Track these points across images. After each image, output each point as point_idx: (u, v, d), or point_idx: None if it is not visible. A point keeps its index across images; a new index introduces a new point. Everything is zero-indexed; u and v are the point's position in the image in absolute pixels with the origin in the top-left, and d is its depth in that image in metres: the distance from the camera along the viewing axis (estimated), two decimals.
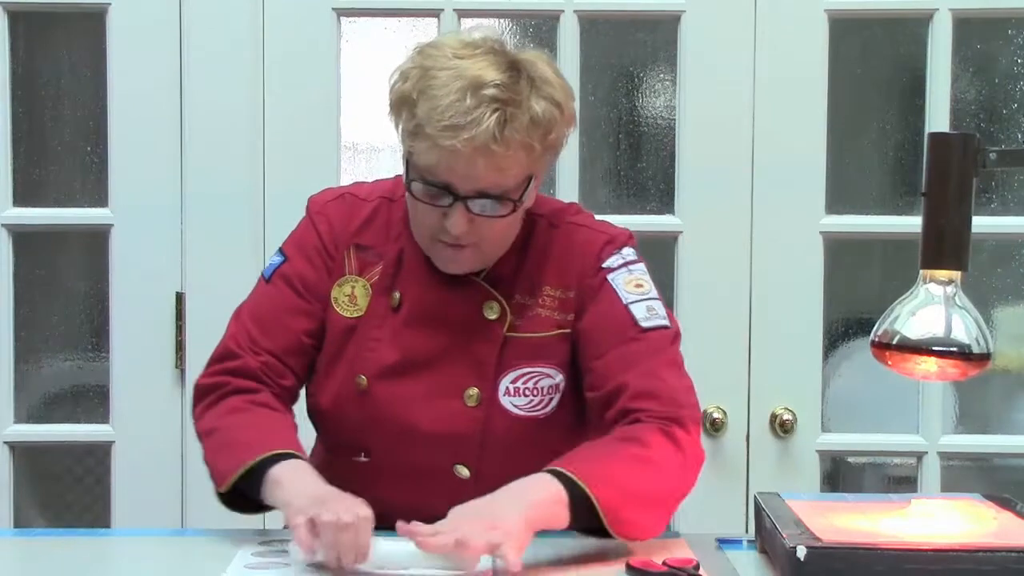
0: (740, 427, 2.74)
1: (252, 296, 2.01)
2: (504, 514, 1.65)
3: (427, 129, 1.78)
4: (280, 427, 1.89)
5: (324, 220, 1.98)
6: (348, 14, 2.72)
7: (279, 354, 1.94)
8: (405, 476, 1.89)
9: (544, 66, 1.86)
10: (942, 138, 1.73)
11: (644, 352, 1.88)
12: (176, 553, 1.88)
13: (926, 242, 1.68)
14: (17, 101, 2.75)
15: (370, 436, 1.93)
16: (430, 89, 1.79)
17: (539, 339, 1.93)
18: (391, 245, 1.96)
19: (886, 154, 2.89)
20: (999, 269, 2.83)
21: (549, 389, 1.93)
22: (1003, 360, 2.81)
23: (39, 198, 2.77)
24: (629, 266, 1.95)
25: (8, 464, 2.75)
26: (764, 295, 2.72)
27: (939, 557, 1.58)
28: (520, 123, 1.79)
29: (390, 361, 1.92)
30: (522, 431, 1.92)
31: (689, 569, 1.69)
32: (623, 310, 1.91)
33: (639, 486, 1.77)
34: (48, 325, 2.84)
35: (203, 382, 1.96)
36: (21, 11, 2.74)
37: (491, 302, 1.92)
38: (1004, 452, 2.85)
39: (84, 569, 1.82)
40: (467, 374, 1.91)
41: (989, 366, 1.68)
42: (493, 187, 1.82)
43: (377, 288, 1.95)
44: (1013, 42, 2.82)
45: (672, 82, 2.76)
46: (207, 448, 1.91)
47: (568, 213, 2.00)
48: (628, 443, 1.80)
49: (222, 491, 1.85)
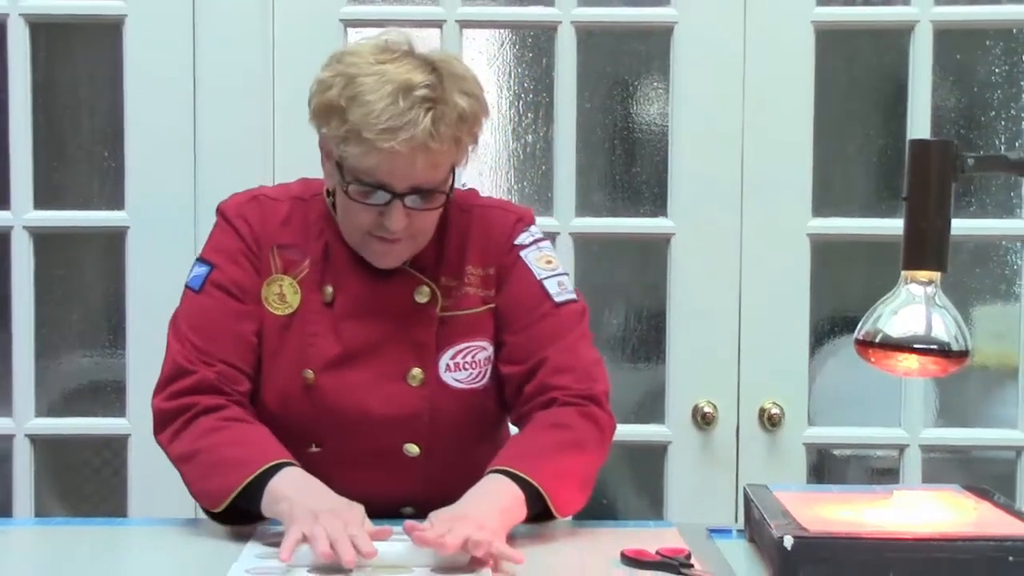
0: (730, 421, 2.74)
1: (186, 310, 1.96)
2: (485, 518, 1.67)
3: (364, 134, 1.80)
4: (263, 438, 1.87)
5: (243, 222, 1.97)
6: (354, 25, 2.72)
7: (231, 361, 1.92)
8: (357, 461, 1.90)
9: (457, 63, 1.91)
10: (923, 144, 1.72)
11: (559, 328, 1.94)
12: (189, 541, 1.88)
13: (907, 244, 1.68)
14: (38, 108, 2.74)
15: (321, 427, 1.94)
16: (360, 95, 1.80)
17: (470, 316, 1.97)
18: (313, 243, 1.96)
19: (869, 159, 2.89)
20: (977, 270, 2.83)
21: (484, 361, 1.97)
22: (981, 357, 2.81)
23: (59, 201, 2.77)
24: (539, 243, 2.01)
25: (29, 456, 2.75)
26: (753, 294, 2.72)
27: (920, 546, 1.58)
28: (450, 119, 1.82)
29: (333, 353, 1.93)
30: (464, 404, 1.95)
31: (681, 558, 1.69)
32: (537, 285, 1.97)
33: (574, 469, 1.85)
34: (67, 323, 2.85)
35: (164, 406, 1.92)
36: (42, 22, 2.73)
37: (421, 287, 1.95)
38: (982, 445, 2.85)
39: (102, 556, 1.83)
40: (408, 357, 1.94)
41: (968, 363, 1.68)
42: (427, 182, 1.85)
43: (306, 285, 1.95)
44: (991, 53, 2.82)
45: (665, 90, 2.76)
46: (189, 472, 1.88)
47: (475, 197, 2.06)
48: (556, 430, 1.87)
49: (219, 512, 1.83)
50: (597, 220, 2.75)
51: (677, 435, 2.75)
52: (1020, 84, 2.78)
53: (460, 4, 2.71)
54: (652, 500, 2.81)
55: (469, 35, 2.76)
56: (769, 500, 1.77)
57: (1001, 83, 2.82)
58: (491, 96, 2.80)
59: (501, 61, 2.83)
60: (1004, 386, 2.83)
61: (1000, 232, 2.79)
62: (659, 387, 2.77)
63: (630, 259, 2.83)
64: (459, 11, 2.71)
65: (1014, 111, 2.81)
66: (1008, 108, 2.82)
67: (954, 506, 1.78)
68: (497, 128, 2.80)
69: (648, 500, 2.83)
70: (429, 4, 2.74)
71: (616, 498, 2.88)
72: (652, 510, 2.81)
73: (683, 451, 2.75)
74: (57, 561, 1.83)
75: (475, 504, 1.72)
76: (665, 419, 2.76)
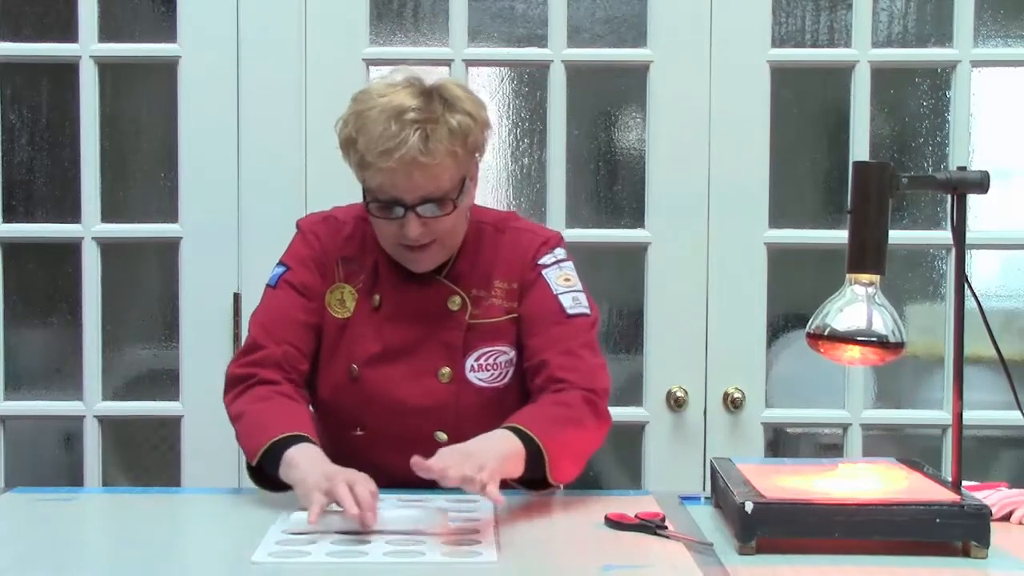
0: (698, 403, 2.73)
1: (264, 301, 2.01)
2: (486, 460, 1.66)
3: (368, 158, 1.82)
4: (296, 414, 1.88)
5: (315, 237, 2.00)
6: (375, 64, 2.72)
7: (295, 343, 1.94)
8: (394, 444, 1.88)
9: (455, 87, 1.90)
10: (864, 166, 1.73)
11: (568, 334, 1.93)
12: (233, 507, 1.88)
13: (851, 251, 1.68)
14: (104, 136, 2.74)
15: (364, 413, 1.94)
16: (364, 127, 1.83)
17: (494, 324, 1.96)
18: (368, 257, 1.98)
19: (818, 179, 2.89)
20: (910, 273, 2.83)
21: (505, 364, 1.96)
22: (913, 348, 2.78)
23: (122, 215, 2.76)
24: (560, 263, 2.00)
25: (97, 434, 2.75)
26: (718, 295, 2.72)
27: (861, 510, 1.58)
28: (440, 135, 1.81)
29: (375, 351, 1.94)
30: (486, 400, 1.95)
31: (657, 521, 1.69)
32: (553, 299, 1.96)
33: (571, 442, 1.84)
34: (129, 320, 2.84)
35: (234, 371, 1.95)
36: (108, 63, 2.73)
37: (453, 296, 1.95)
38: (914, 423, 2.85)
39: (159, 519, 1.83)
40: (439, 356, 1.94)
41: (903, 353, 1.68)
42: (433, 192, 1.84)
43: (361, 293, 1.96)
44: (919, 88, 2.82)
45: (642, 120, 2.76)
46: (239, 429, 1.91)
47: (511, 220, 2.05)
48: (561, 407, 1.85)
49: (252, 464, 1.85)
50: (585, 231, 2.75)
51: (653, 416, 2.74)
52: (944, 115, 2.78)
53: (466, 46, 2.71)
54: (632, 472, 2.80)
55: (474, 72, 2.76)
56: (732, 471, 1.77)
57: (928, 114, 2.82)
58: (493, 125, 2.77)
59: (501, 95, 2.82)
60: (932, 373, 2.83)
61: (928, 241, 2.79)
62: (637, 374, 2.77)
63: (613, 264, 2.83)
64: (465, 52, 2.71)
65: (939, 138, 2.81)
66: (935, 135, 2.82)
67: (890, 476, 1.78)
68: (498, 152, 2.80)
69: (628, 472, 2.83)
70: (440, 45, 2.74)
71: (600, 471, 2.87)
72: (632, 481, 2.80)
73: (658, 430, 2.75)
74: (121, 523, 1.83)
75: (481, 447, 1.71)
76: (643, 402, 2.75)
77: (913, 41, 2.84)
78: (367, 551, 1.57)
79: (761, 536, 1.56)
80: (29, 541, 1.67)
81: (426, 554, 1.55)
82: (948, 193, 1.68)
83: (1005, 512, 1.78)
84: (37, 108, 2.83)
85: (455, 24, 2.70)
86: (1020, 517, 1.77)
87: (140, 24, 2.80)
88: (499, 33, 2.78)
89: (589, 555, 1.59)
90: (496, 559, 1.54)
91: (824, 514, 1.58)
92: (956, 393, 1.68)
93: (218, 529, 1.79)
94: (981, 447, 2.82)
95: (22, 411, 2.78)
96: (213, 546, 1.69)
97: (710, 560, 1.56)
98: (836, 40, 2.80)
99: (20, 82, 2.81)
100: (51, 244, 2.78)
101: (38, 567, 1.53)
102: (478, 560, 1.54)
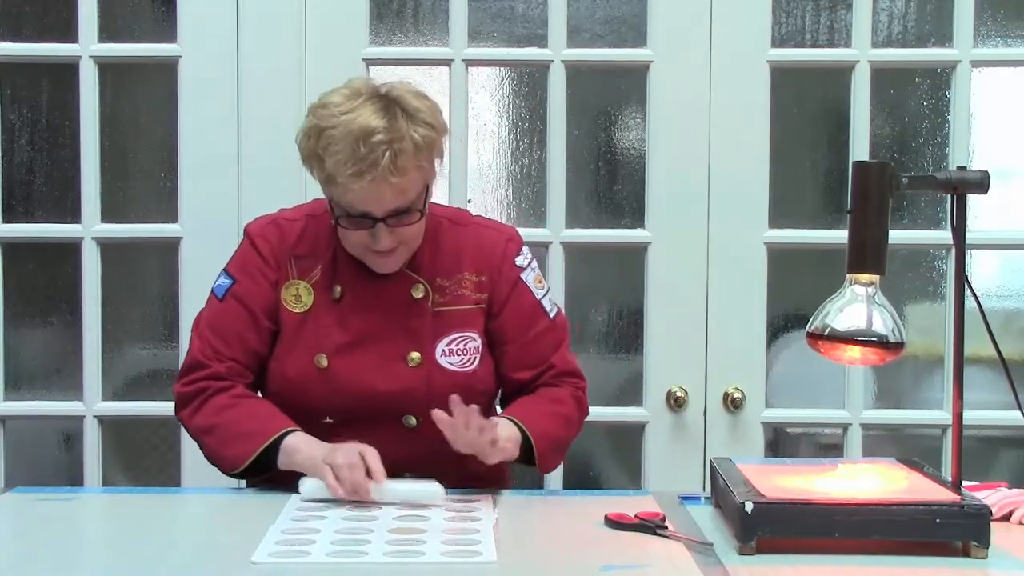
0: (699, 403, 2.73)
1: (208, 311, 2.06)
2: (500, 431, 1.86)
3: (338, 179, 1.88)
4: (270, 411, 1.96)
5: (264, 242, 2.05)
6: (375, 63, 2.72)
7: (239, 359, 2.01)
8: (363, 429, 1.94)
9: (411, 98, 1.94)
10: (864, 166, 1.73)
11: (557, 339, 2.08)
12: (233, 507, 1.89)
13: (851, 251, 1.68)
14: (104, 136, 2.74)
15: (334, 402, 1.99)
16: (329, 147, 1.88)
17: (462, 311, 2.04)
18: (323, 252, 2.03)
19: (818, 179, 2.89)
20: (910, 273, 2.83)
21: (474, 350, 2.03)
22: (913, 348, 2.80)
23: (122, 215, 2.76)
24: (531, 265, 2.10)
25: (97, 434, 2.74)
26: (718, 295, 2.72)
27: (861, 510, 1.58)
28: (408, 153, 1.87)
29: (343, 340, 1.99)
30: (455, 383, 1.99)
31: (657, 521, 1.69)
32: (536, 305, 2.07)
33: (559, 435, 2.01)
34: (129, 320, 2.84)
35: (183, 390, 2.01)
36: (108, 63, 2.73)
37: (417, 284, 2.02)
38: (914, 424, 2.85)
39: (158, 519, 1.83)
40: (407, 343, 2.00)
41: (903, 353, 1.68)
42: (401, 204, 1.91)
43: (318, 286, 2.02)
44: (919, 88, 2.82)
45: (642, 119, 2.76)
46: (210, 442, 1.97)
47: (468, 215, 2.13)
48: (553, 403, 2.03)
49: (235, 472, 1.93)
50: (584, 231, 2.75)
51: (653, 416, 2.74)
52: (944, 115, 2.78)
53: (466, 46, 2.71)
54: (631, 472, 2.80)
55: (474, 72, 2.76)
56: (732, 471, 1.77)
57: (928, 114, 2.82)
58: (492, 124, 2.80)
59: (501, 94, 2.82)
60: (932, 373, 2.83)
61: (929, 241, 2.79)
62: (637, 374, 2.77)
63: (613, 264, 2.83)
64: (465, 52, 2.71)
65: (939, 138, 2.81)
66: (935, 135, 2.82)
67: (889, 476, 1.78)
68: (498, 152, 2.80)
69: (628, 472, 2.83)
70: (440, 46, 2.74)
71: (600, 471, 2.88)
72: (632, 481, 2.80)
73: (658, 430, 2.75)
74: (121, 523, 1.84)
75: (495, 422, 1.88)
76: (643, 402, 2.75)
77: (913, 41, 2.84)
78: (367, 551, 1.57)
79: (761, 536, 1.56)
80: (29, 541, 1.67)
81: (426, 554, 1.56)
82: (948, 193, 1.68)
83: (1005, 512, 1.78)
84: (37, 108, 2.83)
85: (455, 24, 2.70)
86: (1020, 517, 1.77)
87: (140, 24, 2.80)
88: (499, 33, 2.78)
89: (589, 555, 1.59)
90: (496, 559, 1.54)
91: (824, 514, 1.58)
92: (956, 393, 1.68)
93: (218, 529, 1.79)
94: (981, 447, 2.82)
95: (22, 411, 2.78)
96: (213, 546, 1.69)
97: (710, 560, 1.56)
98: (836, 40, 2.80)
99: (20, 82, 2.81)
100: (51, 244, 2.78)
101: (38, 567, 1.53)
102: (478, 560, 1.54)
